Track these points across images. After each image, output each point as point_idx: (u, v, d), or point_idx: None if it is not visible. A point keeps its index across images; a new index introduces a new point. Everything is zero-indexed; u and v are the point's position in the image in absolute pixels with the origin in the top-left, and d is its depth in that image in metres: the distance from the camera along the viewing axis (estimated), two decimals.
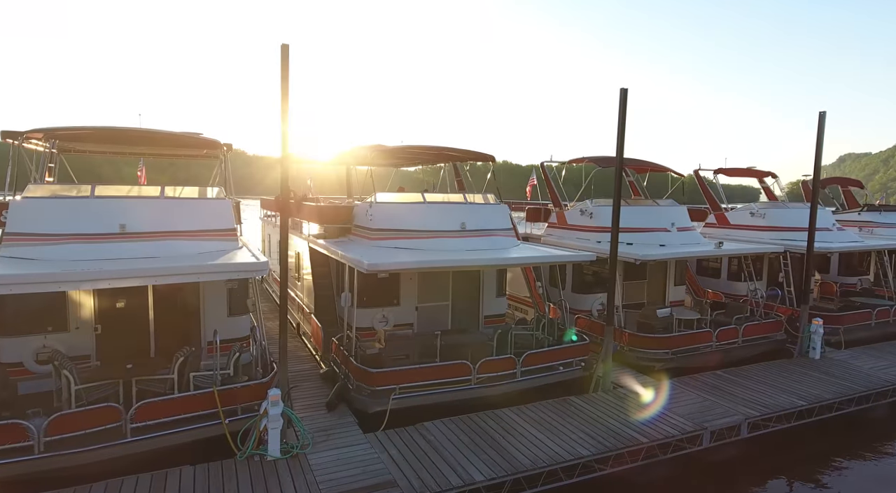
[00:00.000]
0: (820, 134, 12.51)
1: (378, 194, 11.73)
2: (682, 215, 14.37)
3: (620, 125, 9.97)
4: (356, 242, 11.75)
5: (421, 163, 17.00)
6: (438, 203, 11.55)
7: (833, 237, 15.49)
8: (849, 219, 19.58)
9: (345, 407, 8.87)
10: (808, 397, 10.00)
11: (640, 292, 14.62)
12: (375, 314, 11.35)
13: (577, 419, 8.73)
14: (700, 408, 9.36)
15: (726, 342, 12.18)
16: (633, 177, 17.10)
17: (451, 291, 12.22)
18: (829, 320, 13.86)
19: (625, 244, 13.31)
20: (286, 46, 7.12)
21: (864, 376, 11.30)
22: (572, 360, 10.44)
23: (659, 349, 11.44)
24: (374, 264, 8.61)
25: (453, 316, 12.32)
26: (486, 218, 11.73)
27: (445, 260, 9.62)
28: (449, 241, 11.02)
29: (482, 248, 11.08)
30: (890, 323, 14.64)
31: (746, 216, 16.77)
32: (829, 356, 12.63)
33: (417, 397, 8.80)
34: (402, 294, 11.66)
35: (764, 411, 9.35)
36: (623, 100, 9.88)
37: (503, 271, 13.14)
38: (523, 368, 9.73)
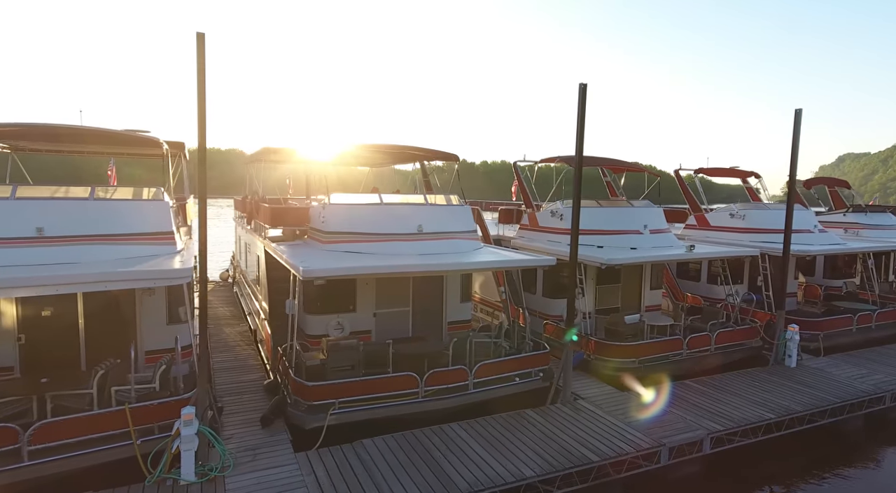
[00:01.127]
0: (796, 133, 12.00)
1: (333, 195, 11.20)
2: (657, 217, 13.85)
3: (580, 123, 9.44)
4: (309, 245, 11.23)
5: (391, 162, 16.48)
6: (394, 205, 11.01)
7: (814, 239, 14.99)
8: (834, 220, 19.08)
9: (282, 423, 8.35)
10: (778, 410, 9.49)
11: (613, 296, 14.11)
12: (330, 321, 10.81)
13: (528, 435, 8.21)
14: (661, 422, 8.85)
15: (698, 350, 11.67)
16: (611, 177, 16.61)
17: (411, 296, 11.70)
18: (807, 326, 13.38)
19: (595, 247, 12.86)
20: (202, 35, 6.60)
21: (840, 385, 10.80)
22: (531, 370, 9.93)
23: (625, 358, 10.93)
24: (310, 269, 8.08)
25: (414, 323, 11.80)
26: (445, 220, 11.20)
27: (386, 266, 9.06)
28: (404, 244, 10.49)
29: (438, 252, 10.55)
30: (872, 329, 14.15)
31: (726, 218, 16.26)
32: (806, 364, 12.13)
33: (359, 413, 8.29)
34: (358, 300, 11.13)
35: (729, 425, 8.84)
36: (582, 96, 9.36)
37: (468, 276, 12.63)
38: (476, 379, 9.22)
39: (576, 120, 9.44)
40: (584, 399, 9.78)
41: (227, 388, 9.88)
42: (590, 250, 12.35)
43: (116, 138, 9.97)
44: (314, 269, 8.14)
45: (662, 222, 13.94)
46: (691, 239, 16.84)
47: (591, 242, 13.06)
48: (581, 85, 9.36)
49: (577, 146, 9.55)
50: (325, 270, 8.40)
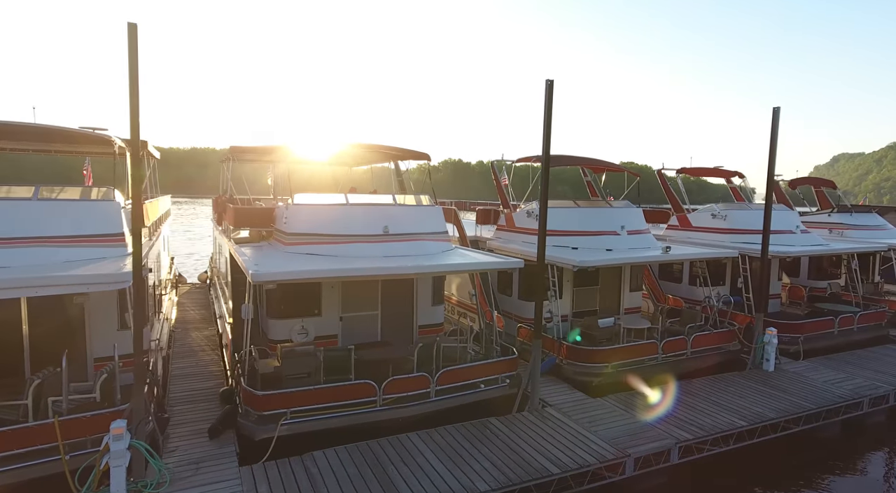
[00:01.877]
0: (774, 131, 11.73)
1: (296, 196, 10.85)
2: (635, 217, 13.56)
3: (546, 121, 9.13)
4: (272, 247, 10.88)
5: (367, 162, 16.14)
6: (360, 205, 10.67)
7: (795, 240, 14.74)
8: (819, 221, 18.87)
9: (232, 434, 7.99)
10: (751, 417, 9.20)
11: (591, 298, 13.80)
12: (294, 326, 10.46)
13: (489, 446, 7.89)
14: (629, 430, 8.55)
15: (673, 354, 11.38)
16: (591, 177, 16.33)
17: (380, 299, 11.36)
18: (788, 329, 13.12)
19: (570, 249, 12.57)
20: (133, 25, 6.24)
21: (818, 390, 10.53)
22: (498, 376, 9.61)
23: (598, 363, 10.63)
24: (258, 273, 7.73)
25: (384, 327, 11.45)
26: (413, 221, 10.86)
27: (341, 270, 8.66)
28: (368, 246, 10.16)
29: (404, 254, 10.22)
30: (854, 331, 13.91)
31: (708, 218, 15.99)
32: (784, 368, 11.86)
33: (312, 423, 7.94)
34: (324, 304, 10.78)
35: (698, 433, 8.54)
36: (549, 93, 9.04)
37: (441, 278, 12.30)
38: (439, 386, 8.89)
39: (542, 118, 9.13)
40: (553, 407, 9.47)
41: (182, 396, 9.52)
42: (563, 252, 12.05)
43: (62, 136, 9.58)
44: (263, 273, 7.79)
45: (641, 223, 13.65)
46: (673, 240, 16.58)
47: (566, 243, 12.77)
48: (547, 81, 9.04)
49: (544, 145, 9.24)
50: (274, 273, 8.05)
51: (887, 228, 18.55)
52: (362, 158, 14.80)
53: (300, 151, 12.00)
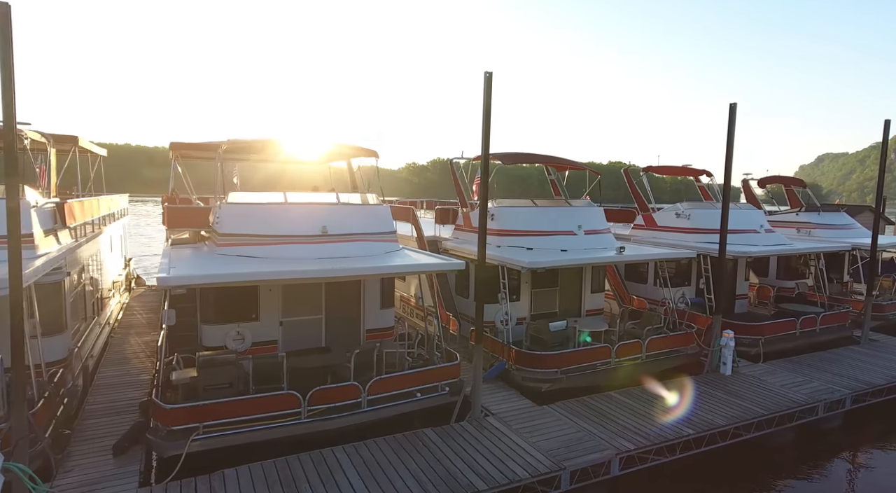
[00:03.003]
0: (731, 127, 11.40)
1: (231, 194, 10.30)
2: (594, 217, 13.18)
3: (486, 114, 8.67)
4: (204, 248, 10.35)
5: (324, 160, 15.57)
6: (297, 204, 10.15)
7: (758, 240, 14.46)
8: (787, 220, 18.68)
9: (141, 451, 7.44)
10: (699, 424, 8.84)
11: (550, 300, 13.40)
12: (229, 332, 9.92)
13: (417, 460, 7.43)
14: (569, 441, 8.13)
15: (628, 358, 11.01)
16: (555, 175, 15.93)
17: (323, 303, 10.85)
18: (748, 331, 12.84)
19: (524, 249, 12.16)
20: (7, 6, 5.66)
21: (772, 395, 10.20)
22: (437, 384, 9.15)
23: (547, 369, 10.21)
24: (164, 278, 7.19)
25: (328, 332, 10.94)
26: (355, 221, 10.35)
27: (262, 273, 8.12)
28: (304, 247, 9.63)
29: (342, 255, 9.71)
30: (817, 332, 13.67)
31: (672, 217, 15.67)
32: (742, 372, 11.54)
33: (229, 437, 7.41)
34: (261, 308, 10.24)
35: (642, 443, 8.15)
36: (487, 86, 8.59)
37: (390, 280, 11.81)
38: (371, 396, 8.41)
39: (481, 112, 8.67)
40: (496, 415, 9.03)
41: (102, 408, 8.93)
42: (515, 252, 11.64)
43: None
44: (169, 277, 7.24)
45: (600, 223, 13.28)
46: (638, 240, 16.27)
47: (521, 243, 12.37)
48: (486, 74, 8.58)
49: (483, 142, 8.78)
50: (182, 277, 7.49)
51: (855, 228, 18.40)
52: (314, 155, 14.21)
53: (242, 147, 11.40)
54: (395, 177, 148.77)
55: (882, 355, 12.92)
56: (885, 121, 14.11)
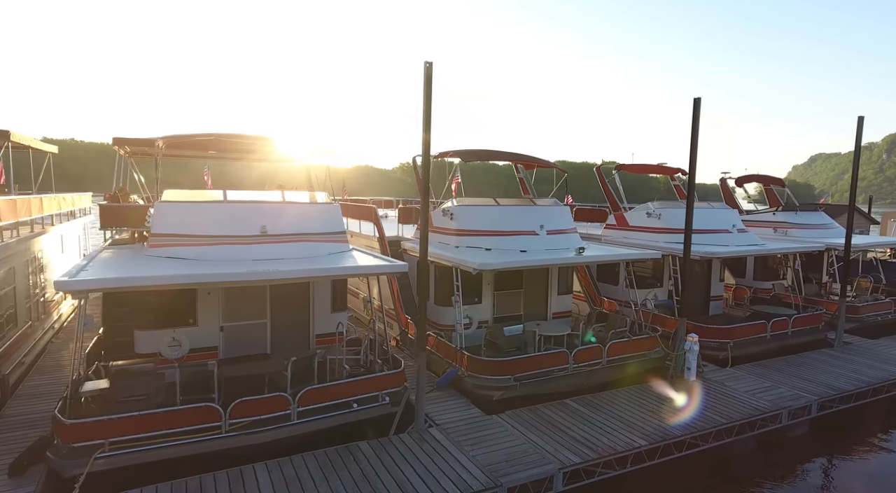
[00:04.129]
0: (695, 122, 10.96)
1: (166, 192, 9.75)
2: (558, 216, 12.69)
3: (426, 107, 8.17)
4: (137, 250, 9.79)
5: (281, 158, 15.01)
6: (235, 203, 9.61)
7: (730, 240, 14.05)
8: (763, 219, 18.30)
9: (42, 470, 6.87)
10: (653, 435, 8.38)
11: (514, 303, 12.91)
12: (163, 338, 9.35)
13: (344, 478, 6.91)
14: (512, 454, 7.64)
15: (587, 364, 10.53)
16: (523, 173, 15.47)
17: (268, 306, 10.30)
18: (716, 334, 12.41)
19: (483, 250, 11.67)
20: None
21: (735, 402, 9.75)
22: (378, 393, 8.63)
23: (500, 375, 9.72)
24: (61, 282, 6.64)
25: (274, 337, 10.39)
26: (298, 221, 9.82)
27: (181, 276, 7.55)
28: (241, 248, 9.11)
29: (281, 256, 9.19)
30: (789, 335, 13.24)
31: (643, 217, 15.24)
32: (708, 377, 11.09)
33: (139, 454, 6.87)
34: (199, 312, 9.68)
35: (588, 456, 7.68)
36: (427, 77, 8.09)
37: (342, 282, 11.28)
38: (302, 407, 7.88)
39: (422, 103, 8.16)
40: (439, 426, 8.53)
41: (16, 420, 8.35)
42: (473, 253, 11.14)
43: None
44: (66, 281, 6.69)
45: (565, 222, 12.79)
46: (609, 240, 15.84)
47: (480, 243, 11.87)
48: (426, 64, 8.08)
49: (424, 136, 8.27)
50: (83, 281, 6.93)
51: (833, 227, 18.03)
52: (265, 152, 13.46)
53: (183, 143, 10.84)
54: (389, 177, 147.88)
55: (854, 358, 12.52)
56: (859, 117, 13.74)
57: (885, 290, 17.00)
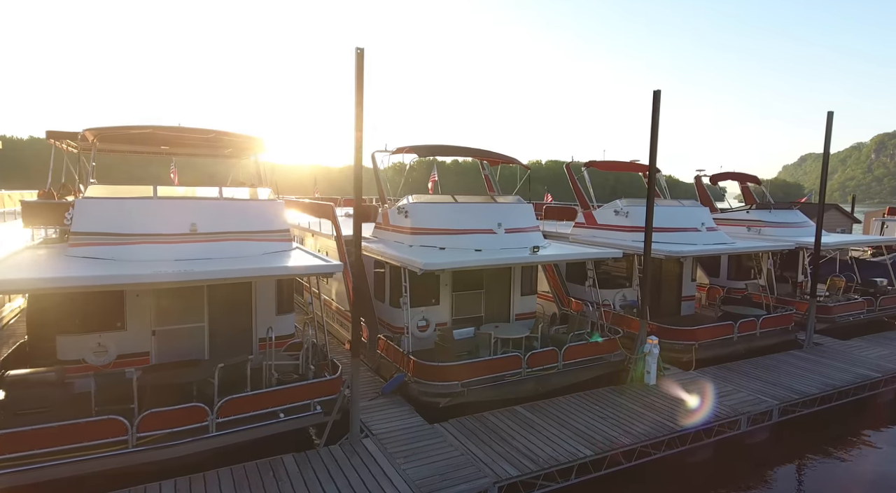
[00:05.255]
0: (655, 115, 10.55)
1: (91, 188, 9.17)
2: (519, 214, 12.21)
3: (358, 96, 7.66)
4: (59, 249, 9.19)
5: (218, 153, 14.22)
6: (163, 200, 9.05)
7: (698, 239, 13.64)
8: (737, 218, 17.94)
9: None
10: (601, 444, 7.92)
11: (474, 304, 12.41)
12: (87, 343, 8.78)
13: None
14: (446, 467, 7.14)
15: (542, 368, 10.06)
16: (488, 170, 14.98)
17: (206, 309, 9.74)
18: (681, 335, 11.99)
19: (437, 249, 11.18)
20: None
21: (694, 408, 9.33)
22: (310, 402, 8.11)
23: (446, 381, 9.23)
24: None
25: (213, 341, 9.83)
26: (233, 219, 9.26)
27: (76, 278, 6.98)
28: (167, 247, 8.54)
29: (211, 256, 8.64)
30: (757, 336, 12.86)
31: (611, 215, 14.82)
32: (669, 380, 10.66)
33: (35, 472, 6.31)
34: (128, 315, 9.10)
35: (528, 468, 7.20)
36: (359, 63, 7.58)
37: (288, 282, 10.74)
38: (222, 418, 7.34)
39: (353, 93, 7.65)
40: (376, 436, 8.03)
41: None
42: (424, 253, 10.64)
43: None
44: None
45: (526, 220, 12.32)
46: (577, 238, 15.40)
47: (434, 242, 11.37)
48: (357, 49, 7.57)
49: (357, 128, 7.75)
50: None
51: (808, 226, 17.68)
52: (197, 144, 12.65)
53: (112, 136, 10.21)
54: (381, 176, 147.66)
55: (823, 360, 12.16)
56: (828, 113, 13.41)
57: (858, 289, 16.70)
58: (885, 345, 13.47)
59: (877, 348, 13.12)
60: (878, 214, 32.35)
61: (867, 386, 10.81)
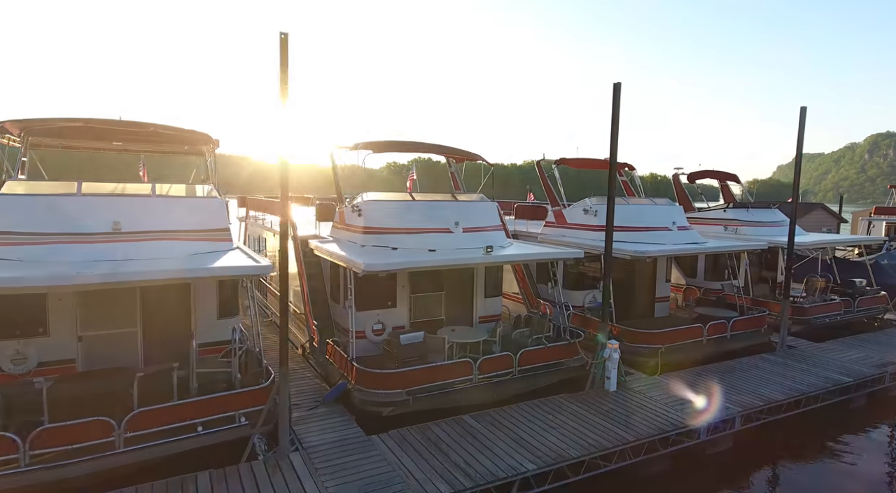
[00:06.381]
0: (615, 108, 10.07)
1: (8, 184, 8.60)
2: (479, 213, 11.69)
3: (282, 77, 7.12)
4: None
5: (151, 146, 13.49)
6: (86, 196, 8.49)
7: (667, 238, 13.17)
8: (714, 217, 17.49)
9: None
10: (546, 457, 7.40)
11: (435, 307, 11.88)
12: (5, 351, 8.20)
13: None
14: (374, 484, 6.61)
15: (495, 375, 9.55)
16: (454, 167, 14.47)
17: (139, 313, 9.18)
18: (646, 339, 11.51)
19: (389, 249, 10.65)
20: None
21: (653, 416, 8.79)
22: (235, 413, 7.55)
23: (390, 389, 8.69)
24: None
25: (147, 347, 9.28)
26: (162, 217, 8.72)
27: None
28: (85, 247, 8.01)
29: (135, 257, 8.10)
30: (727, 339, 12.39)
31: (580, 214, 14.33)
32: (631, 387, 10.16)
33: None
34: (51, 320, 8.52)
35: (462, 485, 6.65)
36: (283, 48, 7.05)
37: (231, 285, 10.18)
38: (130, 433, 6.78)
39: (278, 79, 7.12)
40: (306, 450, 7.48)
41: None
42: (376, 254, 10.11)
43: None
44: None
45: (487, 219, 11.79)
46: (546, 238, 14.92)
47: (386, 242, 10.82)
48: (282, 34, 7.04)
49: (280, 122, 7.22)
50: None
51: (787, 225, 17.27)
52: (129, 137, 11.92)
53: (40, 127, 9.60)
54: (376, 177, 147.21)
55: (794, 364, 11.71)
56: (802, 108, 12.99)
57: (836, 290, 16.29)
58: (860, 348, 13.04)
59: (852, 351, 12.68)
60: (866, 213, 32.07)
61: (837, 391, 10.36)
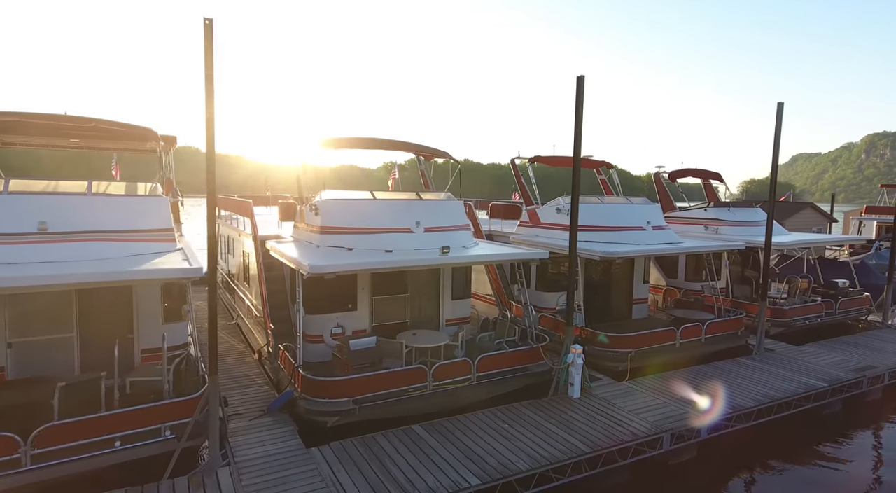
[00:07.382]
0: (579, 101, 9.64)
1: None
2: (443, 212, 11.24)
3: (207, 67, 6.67)
4: None
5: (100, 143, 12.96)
6: (14, 194, 8.02)
7: (641, 238, 12.75)
8: (695, 216, 17.09)
9: None
10: (493, 471, 6.95)
11: (398, 309, 11.44)
12: None
13: None
14: None
15: (451, 381, 9.10)
16: (424, 165, 14.03)
17: (76, 317, 8.71)
18: (616, 343, 11.08)
19: (344, 250, 10.20)
20: None
21: (614, 425, 8.36)
22: (160, 426, 7.09)
23: (336, 398, 8.23)
24: None
25: (84, 353, 8.82)
26: (96, 217, 8.27)
27: None
28: (8, 249, 7.55)
29: (62, 259, 7.65)
30: (702, 342, 11.97)
31: (553, 213, 13.91)
32: (596, 393, 9.72)
33: None
34: None
35: None
36: (208, 33, 6.60)
37: (178, 287, 9.70)
38: (38, 450, 6.31)
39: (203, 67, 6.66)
40: (238, 464, 7.02)
41: None
42: (327, 255, 9.65)
43: None
44: None
45: (451, 219, 11.32)
46: (519, 238, 14.49)
47: (343, 243, 10.37)
48: (206, 20, 6.58)
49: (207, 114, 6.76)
50: None
51: None
52: (81, 134, 11.46)
53: None
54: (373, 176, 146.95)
55: (769, 368, 11.28)
56: (778, 103, 12.57)
57: (819, 291, 15.88)
58: (840, 350, 12.62)
59: (831, 355, 12.27)
60: (858, 212, 31.70)
61: (811, 397, 9.93)
